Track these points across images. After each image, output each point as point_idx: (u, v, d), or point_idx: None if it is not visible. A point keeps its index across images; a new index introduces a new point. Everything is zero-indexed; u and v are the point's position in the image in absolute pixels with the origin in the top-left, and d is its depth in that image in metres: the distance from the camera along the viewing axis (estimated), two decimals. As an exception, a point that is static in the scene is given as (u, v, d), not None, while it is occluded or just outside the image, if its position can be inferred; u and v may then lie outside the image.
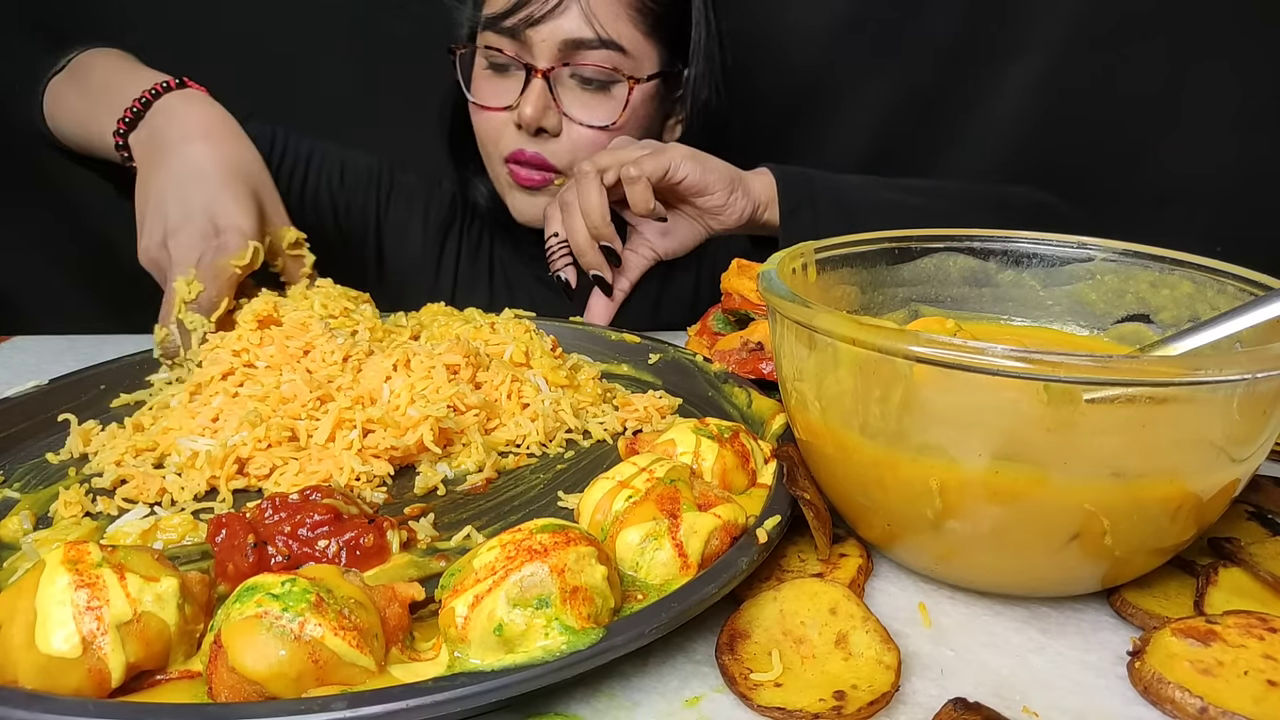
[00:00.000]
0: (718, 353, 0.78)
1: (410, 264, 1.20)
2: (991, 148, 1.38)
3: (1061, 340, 0.61)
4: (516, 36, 0.98)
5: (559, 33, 0.97)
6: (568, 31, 0.97)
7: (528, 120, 0.99)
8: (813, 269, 0.59)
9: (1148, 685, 0.40)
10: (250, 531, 0.48)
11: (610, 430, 0.69)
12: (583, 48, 0.98)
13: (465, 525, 0.55)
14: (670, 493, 0.47)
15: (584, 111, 1.01)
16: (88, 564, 0.38)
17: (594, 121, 1.01)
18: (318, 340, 0.68)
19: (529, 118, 0.99)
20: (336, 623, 0.37)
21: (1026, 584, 0.47)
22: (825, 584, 0.46)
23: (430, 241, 1.20)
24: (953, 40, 1.34)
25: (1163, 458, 0.40)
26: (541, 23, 0.96)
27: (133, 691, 0.38)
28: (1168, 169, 1.36)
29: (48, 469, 0.63)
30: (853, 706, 0.38)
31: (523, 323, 0.78)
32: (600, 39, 0.97)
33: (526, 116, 0.99)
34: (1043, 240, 0.61)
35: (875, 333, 0.42)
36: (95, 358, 0.77)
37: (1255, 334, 0.47)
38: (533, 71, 0.99)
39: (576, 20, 0.96)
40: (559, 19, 0.96)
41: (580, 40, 0.97)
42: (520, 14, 0.96)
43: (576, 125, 1.01)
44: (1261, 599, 0.46)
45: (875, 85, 1.37)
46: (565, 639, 0.37)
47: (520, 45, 0.99)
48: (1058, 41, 1.32)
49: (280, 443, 0.61)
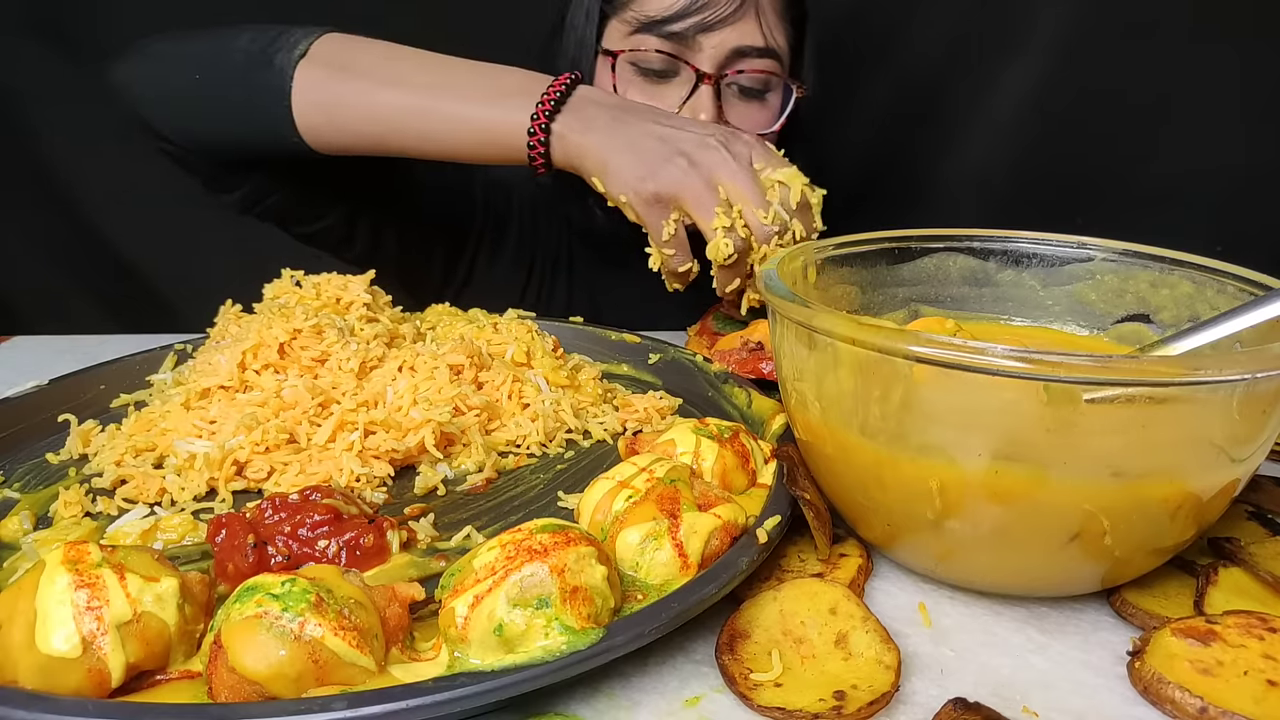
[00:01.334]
0: (718, 353, 0.78)
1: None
2: (991, 148, 1.38)
3: (1061, 340, 0.61)
4: (684, 41, 0.94)
5: (733, 40, 0.94)
6: (743, 40, 0.94)
7: None
8: (812, 269, 0.59)
9: (1148, 685, 0.40)
10: (250, 531, 0.48)
11: (610, 430, 0.69)
12: (748, 55, 0.95)
13: (465, 525, 0.55)
14: (670, 493, 0.47)
15: (744, 119, 0.98)
16: (88, 564, 0.38)
17: (755, 128, 0.98)
18: (333, 348, 0.67)
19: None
20: (336, 623, 0.37)
21: (1026, 584, 0.47)
22: (825, 584, 0.46)
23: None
24: (953, 41, 1.34)
25: (1163, 458, 0.40)
26: (716, 29, 0.93)
27: (133, 691, 0.38)
28: (1168, 169, 1.36)
29: (48, 469, 0.63)
30: (853, 706, 0.38)
31: (525, 323, 0.78)
32: (769, 48, 0.96)
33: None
34: (1043, 240, 0.61)
35: (875, 333, 0.42)
36: (95, 358, 0.77)
37: (1255, 334, 0.47)
38: (703, 78, 0.94)
39: (752, 29, 0.94)
40: (734, 27, 0.93)
41: (749, 47, 0.94)
42: (695, 18, 0.92)
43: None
44: (1261, 599, 0.46)
45: (875, 87, 1.37)
46: (565, 639, 0.37)
47: (685, 49, 0.94)
48: (1058, 42, 1.32)
49: (278, 446, 0.60)
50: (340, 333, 0.69)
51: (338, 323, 0.70)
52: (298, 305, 0.71)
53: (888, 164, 1.40)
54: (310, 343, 0.67)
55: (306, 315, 0.69)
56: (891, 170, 1.41)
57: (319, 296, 0.73)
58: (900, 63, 1.36)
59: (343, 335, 0.69)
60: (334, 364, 0.67)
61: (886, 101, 1.38)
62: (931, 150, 1.40)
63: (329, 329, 0.68)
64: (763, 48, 0.95)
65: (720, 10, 0.92)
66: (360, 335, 0.70)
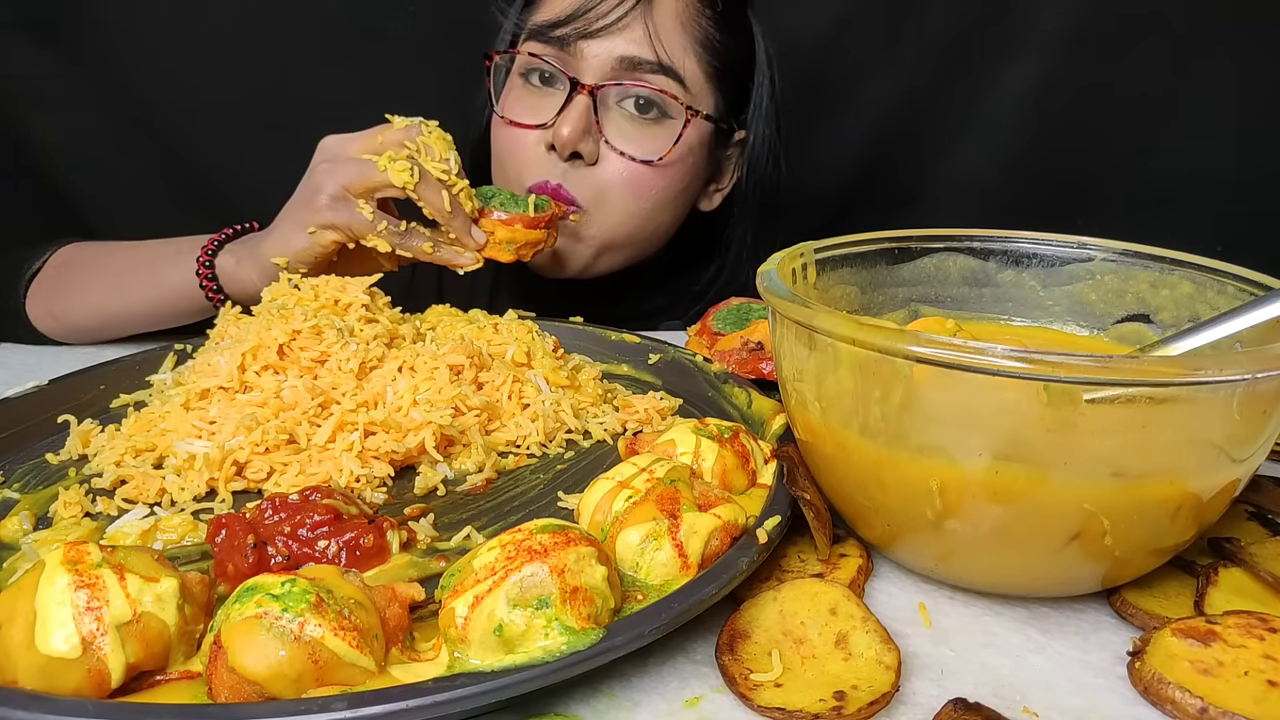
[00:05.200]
0: (718, 353, 0.78)
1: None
2: (991, 149, 1.38)
3: (1061, 340, 0.61)
4: (566, 48, 0.89)
5: (616, 49, 0.87)
6: (627, 50, 0.87)
7: (563, 141, 0.88)
8: (812, 269, 0.59)
9: (1148, 685, 0.40)
10: (250, 532, 0.48)
11: (610, 431, 0.69)
12: (640, 69, 0.88)
13: (465, 526, 0.55)
14: (670, 493, 0.47)
15: (629, 142, 0.90)
16: (88, 564, 0.38)
17: (638, 154, 0.90)
18: (332, 349, 0.67)
19: (565, 138, 0.87)
20: (336, 623, 0.37)
21: (1026, 584, 0.47)
22: (825, 584, 0.46)
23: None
24: (952, 41, 1.34)
25: (1163, 458, 0.40)
26: (598, 36, 0.87)
27: (133, 692, 0.38)
28: (1168, 169, 1.36)
29: (48, 469, 0.63)
30: (853, 707, 0.38)
31: (525, 323, 0.78)
32: (661, 64, 0.88)
33: (563, 136, 0.87)
34: (1043, 240, 0.61)
35: (875, 333, 0.42)
36: (95, 358, 0.77)
37: (1255, 334, 0.47)
38: (578, 87, 0.88)
39: (638, 39, 0.87)
40: (619, 36, 0.87)
41: (638, 60, 0.88)
42: (575, 23, 0.87)
43: (616, 155, 0.90)
44: (1261, 599, 0.46)
45: (874, 86, 1.37)
46: (565, 639, 0.37)
47: (568, 58, 0.89)
48: (1057, 42, 1.32)
49: (278, 447, 0.60)
50: (340, 333, 0.69)
51: (337, 323, 0.70)
52: (296, 306, 0.71)
53: (887, 164, 1.40)
54: (309, 343, 0.67)
55: (305, 316, 0.69)
56: (891, 170, 1.41)
57: (317, 298, 0.73)
58: (900, 63, 1.36)
59: (342, 336, 0.69)
60: (333, 364, 0.66)
61: (886, 101, 1.38)
62: (931, 150, 1.40)
63: (328, 330, 0.68)
64: (654, 63, 0.88)
65: (603, 18, 0.86)
66: (360, 336, 0.70)
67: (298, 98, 1.28)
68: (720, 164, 1.05)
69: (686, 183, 0.98)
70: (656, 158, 0.91)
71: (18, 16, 1.22)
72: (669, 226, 1.02)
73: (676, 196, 0.98)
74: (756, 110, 1.00)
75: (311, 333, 0.67)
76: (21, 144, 1.29)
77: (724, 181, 1.06)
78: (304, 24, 1.30)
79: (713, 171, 1.04)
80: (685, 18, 0.91)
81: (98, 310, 0.90)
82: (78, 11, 1.22)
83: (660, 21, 0.89)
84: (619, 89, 0.89)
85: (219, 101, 1.27)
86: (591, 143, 0.91)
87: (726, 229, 1.09)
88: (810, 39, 1.34)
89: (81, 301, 0.91)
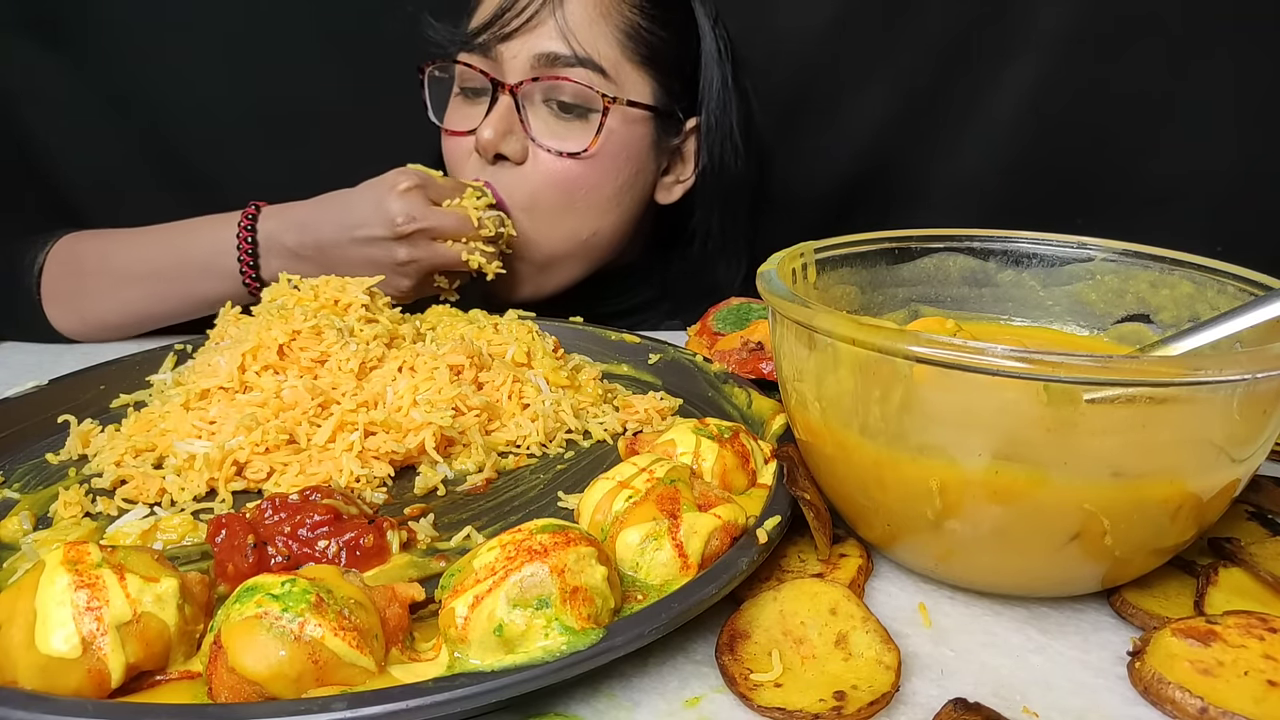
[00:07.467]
0: (718, 353, 0.78)
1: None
2: (991, 149, 1.38)
3: (1061, 340, 0.61)
4: (488, 54, 0.91)
5: (531, 48, 0.90)
6: (541, 47, 0.90)
7: (485, 143, 0.91)
8: (812, 269, 0.59)
9: (1148, 685, 0.40)
10: (250, 532, 0.48)
11: (610, 431, 0.69)
12: (558, 64, 0.90)
13: (465, 526, 0.55)
14: (670, 493, 0.47)
15: (555, 138, 0.92)
16: (88, 564, 0.38)
17: (564, 148, 0.92)
18: (332, 349, 0.67)
19: (486, 140, 0.90)
20: (336, 623, 0.37)
21: (1026, 584, 0.47)
22: (825, 584, 0.46)
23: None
24: (951, 41, 1.34)
25: (1163, 458, 0.40)
26: (513, 38, 0.90)
27: (133, 692, 0.38)
28: (1168, 169, 1.36)
29: (48, 469, 0.63)
30: (853, 707, 0.38)
31: (525, 323, 0.78)
32: (577, 56, 0.90)
33: (484, 139, 0.90)
34: (1043, 240, 0.61)
35: (875, 333, 0.42)
36: (95, 358, 0.77)
37: (1255, 334, 0.47)
38: (499, 88, 0.91)
39: (552, 34, 0.89)
40: (532, 34, 0.90)
41: (554, 55, 0.90)
42: (492, 28, 0.90)
43: (544, 152, 0.92)
44: (1261, 599, 0.46)
45: (873, 87, 1.37)
46: (565, 639, 0.37)
47: (493, 64, 0.92)
48: (1057, 42, 1.32)
49: (278, 447, 0.60)
50: (339, 333, 0.69)
51: (337, 323, 0.70)
52: (296, 307, 0.71)
53: (887, 164, 1.40)
54: (309, 344, 0.67)
55: (305, 316, 0.69)
56: (891, 170, 1.41)
57: (317, 298, 0.73)
58: (898, 63, 1.36)
59: (342, 336, 0.69)
60: (333, 365, 0.66)
61: (885, 101, 1.38)
62: (931, 150, 1.40)
63: (328, 330, 0.68)
64: (571, 56, 0.90)
65: (517, 17, 0.89)
66: (360, 336, 0.70)
67: (298, 98, 1.28)
68: (676, 155, 1.04)
69: (625, 178, 0.97)
70: (582, 150, 0.92)
71: (18, 17, 1.22)
72: (617, 228, 1.01)
73: (616, 194, 0.97)
74: (707, 98, 1.00)
75: (311, 333, 0.67)
76: (23, 144, 1.29)
77: (685, 173, 1.06)
78: (304, 25, 1.29)
79: (666, 163, 1.04)
80: (605, 8, 0.93)
81: (128, 310, 0.93)
82: (79, 12, 1.22)
83: (573, 15, 0.91)
84: (538, 85, 0.91)
85: (219, 101, 1.27)
86: (516, 141, 0.92)
87: (691, 220, 1.08)
88: (809, 39, 1.33)
89: (112, 299, 0.93)
